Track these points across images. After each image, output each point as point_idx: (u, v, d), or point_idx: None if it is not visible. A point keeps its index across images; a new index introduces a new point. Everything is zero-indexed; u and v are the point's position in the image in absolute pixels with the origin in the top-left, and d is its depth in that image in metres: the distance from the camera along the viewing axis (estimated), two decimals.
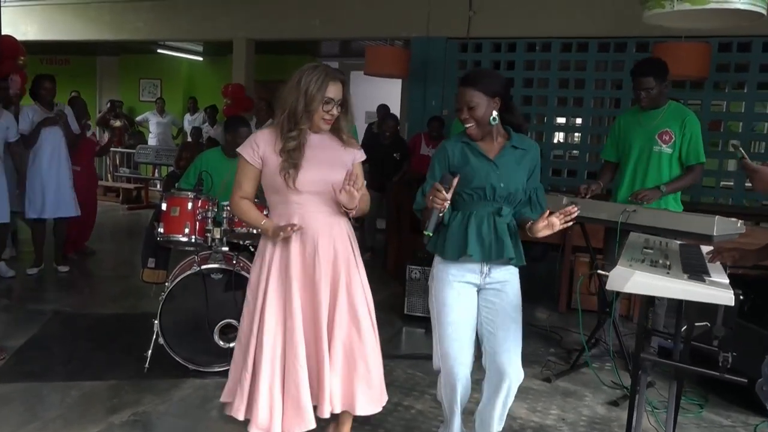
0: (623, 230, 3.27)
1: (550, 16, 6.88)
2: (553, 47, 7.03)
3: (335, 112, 2.48)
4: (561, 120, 7.85)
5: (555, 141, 7.94)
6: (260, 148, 2.51)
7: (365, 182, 2.67)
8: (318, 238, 2.48)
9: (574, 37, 6.91)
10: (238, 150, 2.55)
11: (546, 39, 7.05)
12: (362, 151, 2.65)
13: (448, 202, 2.30)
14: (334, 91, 2.45)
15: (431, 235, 2.36)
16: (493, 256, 2.43)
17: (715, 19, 3.42)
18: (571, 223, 2.32)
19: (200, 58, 12.38)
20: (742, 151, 2.36)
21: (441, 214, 2.33)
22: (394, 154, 6.64)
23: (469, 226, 2.42)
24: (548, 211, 2.32)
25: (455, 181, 2.32)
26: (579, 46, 6.96)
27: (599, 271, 2.29)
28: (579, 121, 7.41)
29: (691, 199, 6.66)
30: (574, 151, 8.03)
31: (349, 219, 2.60)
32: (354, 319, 2.52)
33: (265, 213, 2.68)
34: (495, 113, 2.42)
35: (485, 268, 2.47)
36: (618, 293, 3.22)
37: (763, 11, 3.12)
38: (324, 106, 2.45)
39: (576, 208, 2.29)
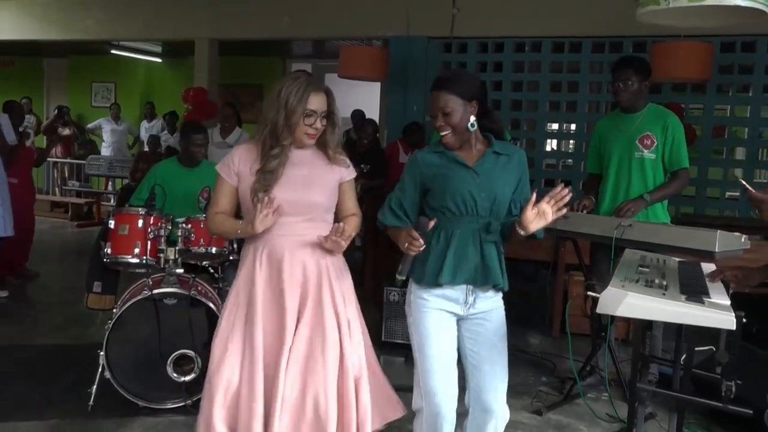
0: (617, 247, 3.26)
1: (540, 14, 6.94)
2: (544, 47, 7.08)
3: (319, 125, 2.46)
4: (553, 126, 7.91)
5: (547, 149, 8.00)
6: (236, 164, 2.52)
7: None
8: (284, 265, 2.45)
9: (566, 37, 6.98)
10: (217, 167, 2.56)
11: (536, 38, 7.11)
12: (351, 168, 2.62)
13: (423, 247, 2.27)
14: (316, 102, 2.44)
15: (403, 279, 2.33)
16: (478, 282, 2.41)
17: (715, 17, 3.46)
18: (564, 211, 2.26)
19: (159, 60, 12.33)
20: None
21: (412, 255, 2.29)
22: (362, 165, 6.62)
23: (451, 247, 2.39)
24: (534, 195, 2.25)
25: (431, 224, 2.29)
26: (572, 46, 7.02)
27: (589, 293, 2.27)
28: (573, 127, 7.47)
29: (694, 210, 6.73)
30: (568, 160, 8.08)
31: None
32: (314, 371, 2.39)
33: None
34: (473, 118, 2.41)
35: (470, 298, 2.44)
36: (614, 315, 3.21)
37: (766, 8, 3.16)
38: (305, 119, 2.43)
39: (568, 190, 2.24)
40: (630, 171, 3.74)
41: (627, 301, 2.08)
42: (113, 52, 11.41)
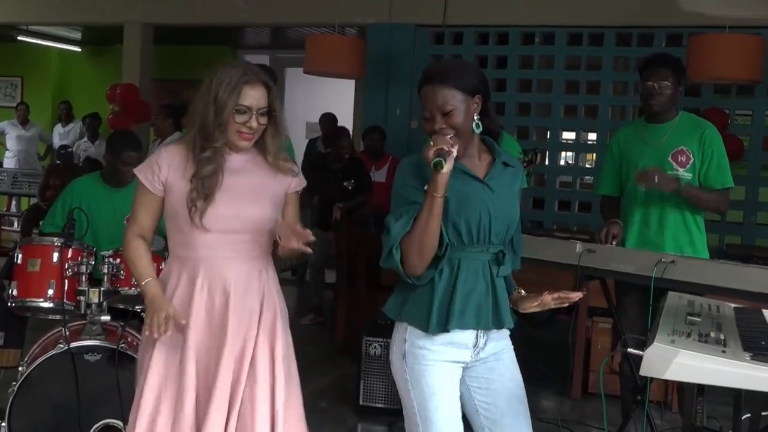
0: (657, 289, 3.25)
1: None
2: (558, 39, 7.15)
3: (254, 124, 2.52)
4: (569, 135, 7.96)
5: (562, 163, 8.04)
6: (163, 170, 2.56)
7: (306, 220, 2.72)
8: (231, 290, 2.54)
9: (585, 27, 7.05)
10: (136, 171, 2.62)
11: (548, 28, 7.18)
12: (301, 176, 2.71)
13: (455, 153, 2.29)
14: (251, 96, 2.50)
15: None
16: (490, 325, 2.44)
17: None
18: (566, 305, 2.41)
19: (78, 49, 12.26)
20: None
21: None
22: (345, 183, 6.61)
23: (458, 284, 2.39)
24: (546, 294, 2.41)
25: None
26: (592, 37, 7.09)
27: (630, 350, 2.24)
28: (593, 136, 7.53)
29: (742, 241, 6.77)
30: (587, 177, 8.12)
31: (283, 268, 2.63)
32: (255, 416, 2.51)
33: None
34: (476, 117, 2.43)
35: (480, 341, 2.46)
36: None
37: None
38: (236, 116, 2.49)
39: (581, 294, 2.36)
40: (662, 195, 3.70)
41: (678, 362, 2.05)
42: (20, 39, 11.29)
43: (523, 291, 2.53)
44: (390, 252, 2.36)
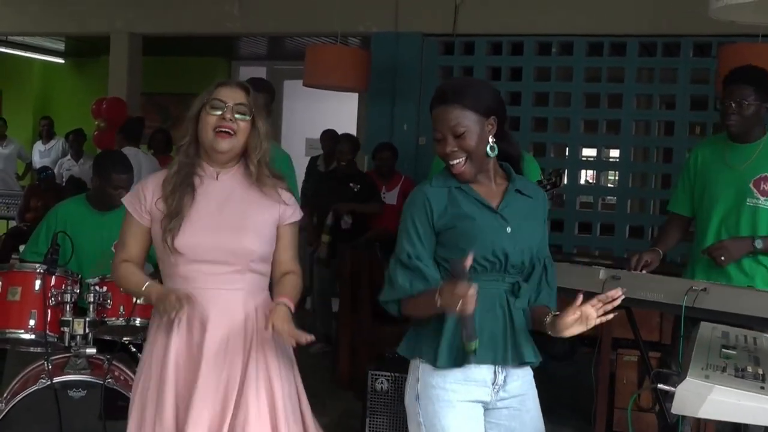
0: (690, 318, 3.24)
1: (572, 5, 7.04)
2: (577, 48, 7.17)
3: (229, 115, 2.55)
4: (590, 152, 7.98)
5: (582, 181, 8.04)
6: (147, 198, 2.64)
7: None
8: (207, 324, 2.56)
9: (606, 35, 7.07)
10: (124, 201, 2.71)
11: (566, 36, 7.19)
12: (297, 208, 2.75)
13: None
14: (225, 93, 2.59)
15: (477, 346, 2.28)
16: (508, 360, 2.44)
17: None
18: (612, 316, 2.32)
19: (61, 60, 12.33)
20: None
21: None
22: (351, 184, 6.67)
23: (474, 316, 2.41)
24: (581, 296, 2.29)
25: (468, 262, 2.25)
26: (613, 47, 7.11)
27: (660, 386, 2.23)
28: (615, 153, 7.53)
29: None
30: (610, 198, 8.12)
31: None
32: None
33: None
34: (491, 140, 2.45)
35: (499, 378, 2.46)
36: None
37: None
38: (210, 110, 2.55)
39: (620, 291, 2.29)
40: (738, 224, 3.66)
41: (713, 398, 2.05)
42: (0, 50, 11.36)
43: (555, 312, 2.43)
44: (389, 302, 2.48)
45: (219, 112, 2.55)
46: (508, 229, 2.43)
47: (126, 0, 8.55)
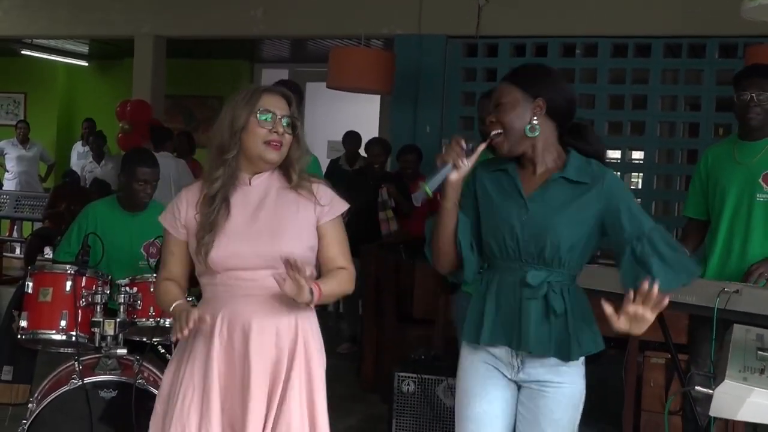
0: (721, 320, 3.22)
1: (596, 6, 7.02)
2: (601, 50, 7.15)
3: (281, 131, 2.52)
4: (614, 154, 7.92)
5: None
6: (182, 211, 2.61)
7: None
8: (251, 331, 2.51)
9: (630, 36, 7.05)
10: (160, 219, 2.67)
11: (590, 38, 7.17)
12: (334, 203, 2.66)
13: (466, 166, 2.47)
14: (271, 101, 2.54)
15: (429, 194, 2.46)
16: (514, 346, 2.51)
17: None
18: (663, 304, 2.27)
19: (85, 63, 12.41)
20: None
21: (451, 173, 2.48)
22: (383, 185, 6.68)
23: (488, 298, 2.54)
24: (631, 294, 2.25)
25: (481, 147, 2.49)
26: (638, 48, 7.09)
27: (698, 388, 2.22)
28: (640, 155, 7.50)
29: None
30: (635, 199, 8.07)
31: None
32: None
33: None
34: (535, 120, 2.46)
35: (515, 360, 2.54)
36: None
37: None
38: (260, 121, 2.50)
39: (656, 284, 2.24)
40: (749, 219, 3.64)
41: (752, 401, 2.04)
42: (24, 53, 11.46)
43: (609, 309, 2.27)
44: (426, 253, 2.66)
45: (269, 124, 2.50)
46: (524, 217, 2.46)
47: (151, 4, 8.61)
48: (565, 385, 2.53)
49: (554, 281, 2.47)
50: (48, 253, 3.94)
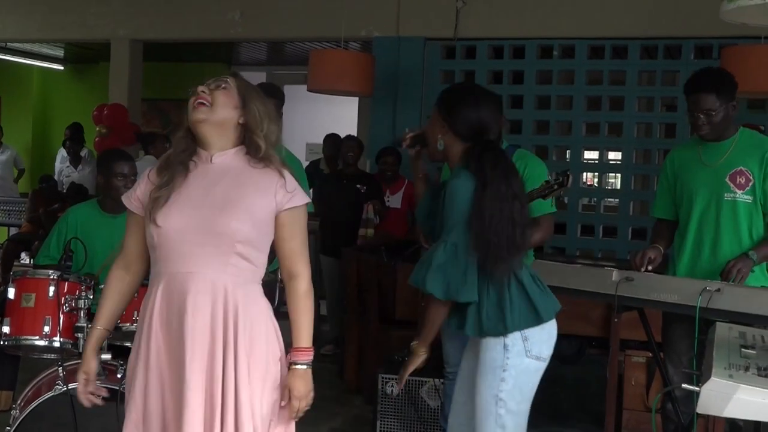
0: (702, 319, 3.26)
1: (573, 8, 7.07)
2: (578, 51, 7.20)
3: (206, 89, 2.56)
4: (591, 155, 7.99)
5: (583, 183, 8.05)
6: (139, 185, 2.65)
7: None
8: (185, 312, 2.46)
9: (607, 38, 7.10)
10: (123, 197, 2.70)
11: (567, 40, 7.23)
12: (297, 191, 2.59)
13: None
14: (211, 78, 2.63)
15: None
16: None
17: None
18: None
19: (60, 67, 12.32)
20: None
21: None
22: (358, 185, 6.71)
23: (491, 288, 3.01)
24: None
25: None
26: (615, 50, 7.14)
27: (685, 386, 2.24)
28: (617, 156, 7.54)
29: None
30: (611, 200, 8.13)
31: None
32: None
33: None
34: (439, 137, 3.08)
35: None
36: (697, 414, 3.19)
37: None
38: (194, 90, 2.57)
39: None
40: (718, 218, 3.71)
41: (739, 398, 2.06)
42: None
43: None
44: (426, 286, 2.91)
45: (201, 88, 2.57)
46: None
47: (127, 7, 8.56)
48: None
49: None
50: (24, 258, 3.89)
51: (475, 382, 3.00)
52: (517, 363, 2.94)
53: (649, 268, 3.70)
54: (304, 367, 2.54)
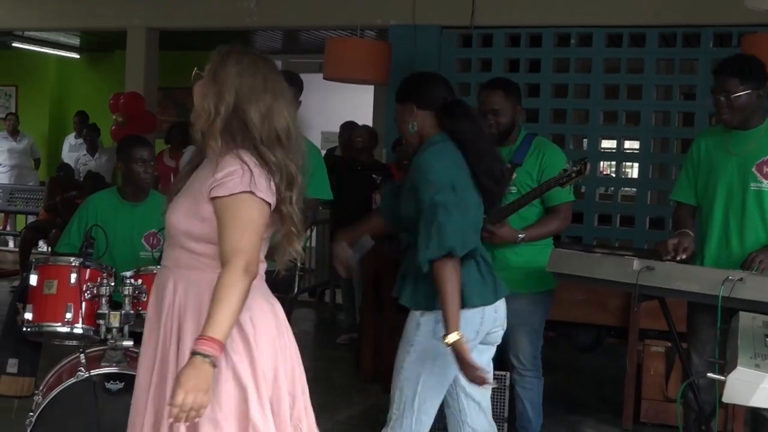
0: (725, 308, 3.24)
1: None
2: (596, 40, 7.16)
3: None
4: (609, 144, 7.97)
5: (600, 172, 8.01)
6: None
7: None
8: (152, 305, 2.64)
9: (625, 26, 7.06)
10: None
11: (585, 28, 7.18)
12: (233, 179, 2.39)
13: None
14: None
15: None
16: None
17: None
18: None
19: (76, 56, 12.36)
20: None
21: None
22: (374, 175, 6.70)
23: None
24: None
25: None
26: (632, 38, 7.10)
27: (710, 375, 2.23)
28: (635, 145, 7.52)
29: None
30: (628, 189, 8.10)
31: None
32: None
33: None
34: (411, 123, 3.33)
35: None
36: (720, 402, 3.18)
37: None
38: None
39: None
40: (744, 209, 3.67)
41: (765, 387, 2.05)
42: (15, 45, 11.42)
43: None
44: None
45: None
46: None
47: None
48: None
49: None
50: (42, 246, 3.92)
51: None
52: (423, 342, 3.14)
53: (683, 256, 3.65)
54: (201, 357, 2.25)
